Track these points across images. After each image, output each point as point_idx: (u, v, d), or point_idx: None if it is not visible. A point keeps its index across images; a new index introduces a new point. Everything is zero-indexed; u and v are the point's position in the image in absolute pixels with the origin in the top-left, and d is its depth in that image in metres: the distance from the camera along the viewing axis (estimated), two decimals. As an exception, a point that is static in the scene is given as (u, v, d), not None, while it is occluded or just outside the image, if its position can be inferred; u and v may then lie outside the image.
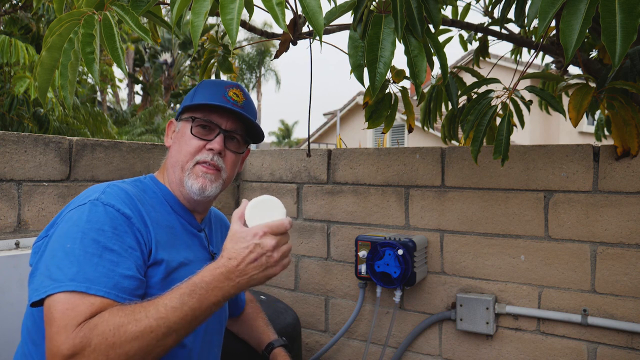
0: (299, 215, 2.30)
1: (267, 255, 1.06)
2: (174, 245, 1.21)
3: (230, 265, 1.04)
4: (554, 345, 1.77)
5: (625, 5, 0.86)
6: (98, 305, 0.98)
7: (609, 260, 1.67)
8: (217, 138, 1.26)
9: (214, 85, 1.32)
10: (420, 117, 2.21)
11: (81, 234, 1.04)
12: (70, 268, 1.00)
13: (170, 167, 1.29)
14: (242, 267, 1.05)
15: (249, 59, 28.13)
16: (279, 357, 1.50)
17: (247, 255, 1.05)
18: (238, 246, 1.06)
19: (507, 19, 1.93)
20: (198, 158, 1.25)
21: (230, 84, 1.33)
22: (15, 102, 4.88)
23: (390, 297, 2.03)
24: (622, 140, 1.60)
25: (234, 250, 1.06)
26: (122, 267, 1.04)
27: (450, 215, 1.95)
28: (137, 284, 1.06)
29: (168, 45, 21.43)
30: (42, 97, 1.14)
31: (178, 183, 1.27)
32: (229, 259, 1.05)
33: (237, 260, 1.05)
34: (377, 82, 1.12)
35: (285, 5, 0.90)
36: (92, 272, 1.00)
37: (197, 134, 1.26)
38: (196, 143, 1.25)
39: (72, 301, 0.97)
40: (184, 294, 1.01)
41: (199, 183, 1.24)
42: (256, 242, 1.06)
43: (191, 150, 1.25)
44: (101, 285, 1.00)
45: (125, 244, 1.07)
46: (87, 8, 1.08)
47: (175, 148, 1.29)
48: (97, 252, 1.02)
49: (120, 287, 1.02)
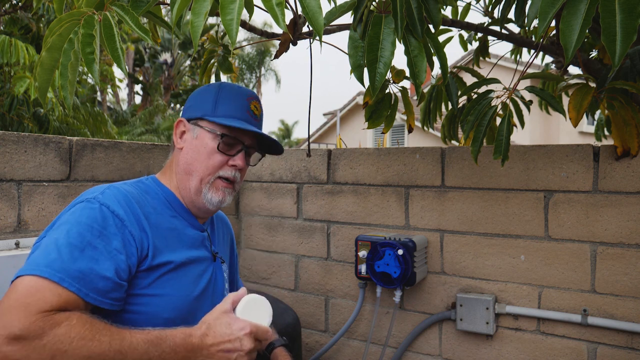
0: (299, 215, 2.30)
1: (239, 354, 1.07)
2: (176, 246, 1.21)
3: (204, 342, 1.06)
4: (554, 345, 1.77)
5: (625, 6, 0.86)
6: (65, 298, 0.96)
7: (609, 260, 1.67)
8: (239, 155, 1.26)
9: (237, 96, 1.28)
10: (420, 117, 2.21)
11: (69, 227, 1.04)
12: (50, 254, 0.99)
13: (183, 172, 1.27)
14: (213, 350, 1.06)
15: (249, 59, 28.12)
16: (280, 356, 1.50)
17: (224, 342, 1.06)
18: (221, 329, 1.07)
19: (507, 19, 1.93)
20: (221, 174, 1.25)
21: (250, 95, 1.31)
22: (15, 102, 4.88)
23: (390, 297, 2.03)
24: (622, 140, 1.60)
25: (215, 331, 1.07)
26: (100, 267, 1.03)
27: (450, 215, 1.95)
28: (112, 286, 1.04)
29: (168, 45, 21.43)
30: (42, 97, 1.14)
31: (193, 191, 1.25)
32: (206, 335, 1.06)
33: (213, 341, 1.06)
34: (377, 82, 1.12)
35: (285, 5, 0.90)
36: (69, 264, 0.99)
37: (223, 150, 1.25)
38: (220, 158, 1.25)
39: (41, 284, 0.95)
40: (151, 343, 1.01)
41: (219, 197, 1.26)
42: (239, 336, 1.07)
43: (215, 165, 1.24)
44: (75, 280, 0.98)
45: (111, 245, 1.06)
46: (87, 8, 1.08)
47: (192, 156, 1.25)
48: (80, 246, 1.02)
49: (93, 286, 1.01)
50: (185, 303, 1.19)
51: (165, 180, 1.30)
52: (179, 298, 1.18)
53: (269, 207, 2.38)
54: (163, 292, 1.15)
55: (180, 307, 1.18)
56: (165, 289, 1.15)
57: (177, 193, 1.28)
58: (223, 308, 1.11)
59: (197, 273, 1.26)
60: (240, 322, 1.09)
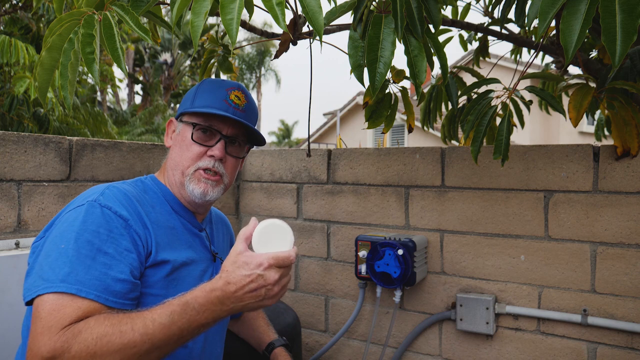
0: (299, 215, 2.30)
1: (267, 288, 1.02)
2: (176, 245, 1.21)
3: (227, 290, 1.01)
4: (554, 345, 1.77)
5: (626, 6, 0.86)
6: (85, 309, 0.97)
7: (609, 260, 1.67)
8: (217, 144, 1.25)
9: (215, 87, 1.29)
10: (420, 117, 2.21)
11: (76, 235, 1.04)
12: (63, 268, 0.99)
13: (170, 169, 1.28)
14: (239, 294, 1.01)
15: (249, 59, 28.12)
16: (280, 356, 1.51)
17: (247, 283, 1.01)
18: (239, 272, 1.01)
19: (507, 19, 1.93)
20: (199, 164, 1.24)
21: (231, 85, 1.30)
22: (15, 102, 4.87)
23: (390, 297, 2.03)
24: (622, 140, 1.60)
25: (234, 275, 1.01)
26: (115, 271, 1.03)
27: (450, 215, 1.95)
28: (129, 287, 1.05)
29: (168, 45, 21.43)
30: (42, 97, 1.14)
31: (179, 186, 1.26)
32: (227, 283, 1.01)
33: (236, 287, 1.01)
34: (377, 82, 1.12)
35: (285, 5, 0.90)
36: (83, 274, 0.99)
37: (197, 140, 1.25)
38: (197, 149, 1.24)
39: (60, 302, 0.96)
40: (175, 312, 0.98)
41: (200, 188, 1.24)
42: (259, 273, 1.01)
43: (192, 156, 1.24)
44: (92, 288, 0.99)
45: (121, 246, 1.06)
46: (87, 8, 1.08)
47: (176, 151, 1.28)
48: (91, 254, 1.02)
49: (111, 290, 1.01)
50: None
51: (162, 179, 1.31)
52: None
53: (269, 207, 2.38)
54: (167, 292, 1.15)
55: None
56: (168, 289, 1.16)
57: (173, 191, 1.29)
58: (237, 249, 1.05)
59: (198, 274, 1.26)
60: (256, 257, 1.03)
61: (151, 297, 1.13)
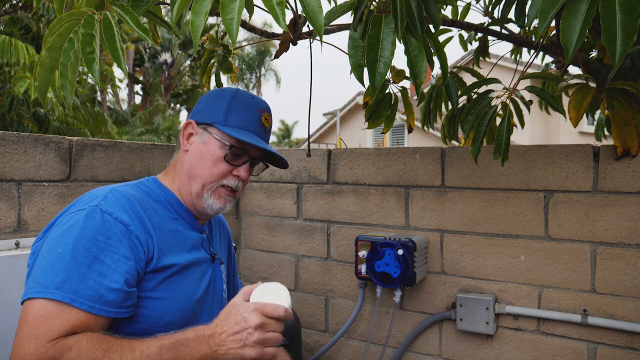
0: (299, 215, 2.30)
1: (248, 332, 1.03)
2: (178, 248, 1.21)
3: (216, 330, 1.05)
4: (554, 345, 1.77)
5: (626, 6, 0.86)
6: (74, 322, 0.98)
7: (609, 260, 1.67)
8: (244, 166, 1.26)
9: (249, 106, 1.27)
10: (420, 117, 2.21)
11: (74, 240, 1.03)
12: (58, 274, 0.99)
13: (187, 177, 1.26)
14: (223, 336, 1.04)
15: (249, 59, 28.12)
16: (280, 357, 1.50)
17: (232, 325, 1.04)
18: (229, 317, 1.06)
19: (507, 19, 1.93)
20: (224, 182, 1.25)
21: (262, 106, 1.30)
22: (15, 102, 4.87)
23: (390, 297, 2.03)
24: (622, 140, 1.60)
25: (225, 320, 1.06)
26: (109, 280, 1.03)
27: (450, 215, 1.95)
28: (123, 296, 1.05)
29: (168, 45, 21.42)
30: (42, 97, 1.14)
31: (194, 196, 1.25)
32: (217, 325, 1.06)
33: (222, 329, 1.05)
34: (377, 82, 1.12)
35: (285, 5, 0.90)
36: (78, 283, 1.00)
37: (228, 160, 1.25)
38: (225, 167, 1.24)
39: (49, 311, 0.97)
40: (164, 346, 1.01)
41: (220, 204, 1.26)
42: (244, 316, 1.04)
43: (219, 173, 1.24)
44: (85, 298, 0.99)
45: (118, 254, 1.06)
46: (87, 8, 1.08)
47: (197, 160, 1.25)
48: (87, 262, 1.02)
49: (104, 300, 1.02)
50: (187, 305, 1.19)
51: (167, 181, 1.30)
52: (182, 301, 1.18)
53: (269, 207, 2.38)
54: (166, 295, 1.15)
55: (183, 310, 1.18)
56: (168, 292, 1.16)
57: (178, 194, 1.28)
58: (234, 301, 1.09)
59: (198, 275, 1.26)
60: (247, 304, 1.06)
61: (152, 300, 1.13)
